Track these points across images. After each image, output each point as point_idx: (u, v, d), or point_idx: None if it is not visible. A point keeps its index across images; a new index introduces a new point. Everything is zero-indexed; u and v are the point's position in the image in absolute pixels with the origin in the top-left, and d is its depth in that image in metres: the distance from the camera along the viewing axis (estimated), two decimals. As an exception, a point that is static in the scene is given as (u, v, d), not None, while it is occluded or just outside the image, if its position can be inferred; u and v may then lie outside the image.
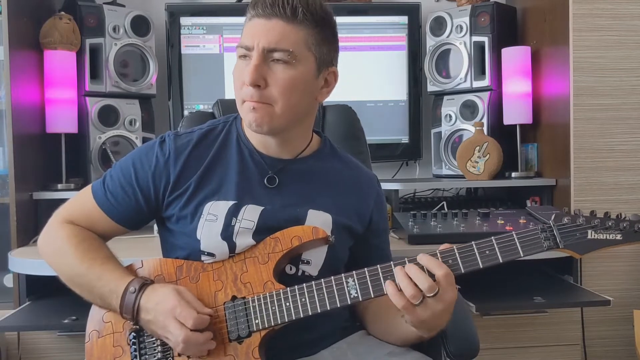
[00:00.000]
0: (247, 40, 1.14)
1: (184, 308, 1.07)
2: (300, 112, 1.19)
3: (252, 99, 1.13)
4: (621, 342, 2.23)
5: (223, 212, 1.16)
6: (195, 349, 1.08)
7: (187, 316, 1.06)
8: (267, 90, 1.13)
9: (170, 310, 1.07)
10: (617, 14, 2.20)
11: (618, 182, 2.22)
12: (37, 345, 2.10)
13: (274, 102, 1.14)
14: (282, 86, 1.13)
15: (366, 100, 2.69)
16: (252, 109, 1.14)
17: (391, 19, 2.73)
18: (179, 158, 1.20)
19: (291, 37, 1.13)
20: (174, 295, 1.08)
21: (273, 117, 1.15)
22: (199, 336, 1.07)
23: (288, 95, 1.14)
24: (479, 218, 2.12)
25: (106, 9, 2.44)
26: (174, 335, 1.07)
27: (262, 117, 1.14)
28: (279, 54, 1.12)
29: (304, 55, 1.15)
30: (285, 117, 1.16)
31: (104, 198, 1.22)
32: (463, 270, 1.05)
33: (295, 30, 1.13)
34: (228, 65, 2.62)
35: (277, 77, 1.13)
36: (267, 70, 1.13)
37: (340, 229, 1.21)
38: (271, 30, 1.12)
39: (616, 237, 1.03)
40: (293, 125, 1.20)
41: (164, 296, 1.09)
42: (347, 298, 1.07)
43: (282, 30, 1.12)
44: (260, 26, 1.13)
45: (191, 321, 1.06)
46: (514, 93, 2.49)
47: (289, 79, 1.13)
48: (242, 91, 1.15)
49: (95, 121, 2.40)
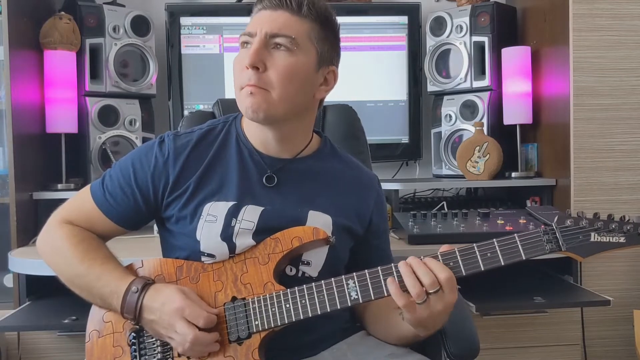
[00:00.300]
0: (251, 28, 1.16)
1: (193, 308, 1.07)
2: (298, 105, 1.19)
3: (249, 82, 1.13)
4: (621, 342, 2.23)
5: (223, 213, 1.16)
6: (200, 349, 1.08)
7: (198, 315, 1.06)
8: (265, 74, 1.13)
9: (177, 310, 1.07)
10: (617, 14, 2.20)
11: (618, 182, 2.22)
12: (37, 345, 2.10)
13: (271, 87, 1.13)
14: (281, 72, 1.13)
15: (366, 100, 2.68)
16: (250, 94, 1.13)
17: (391, 19, 2.73)
18: (178, 158, 1.20)
19: (295, 26, 1.14)
20: (180, 295, 1.08)
21: (270, 104, 1.14)
22: (207, 336, 1.07)
23: (286, 82, 1.14)
24: (479, 218, 2.12)
25: (106, 9, 2.44)
26: (182, 335, 1.06)
27: (258, 103, 1.13)
28: (281, 39, 1.13)
29: (306, 45, 1.16)
30: (282, 106, 1.15)
31: (103, 198, 1.21)
32: (464, 273, 1.05)
33: (300, 22, 1.15)
34: (228, 65, 2.62)
35: (276, 62, 1.13)
36: (268, 55, 1.13)
37: (341, 230, 1.21)
38: (276, 19, 1.14)
39: (619, 240, 1.02)
40: (290, 118, 1.19)
41: (170, 296, 1.09)
42: (347, 300, 1.07)
43: (287, 20, 1.14)
44: (266, 16, 1.15)
45: (202, 320, 1.06)
46: (514, 93, 2.49)
47: (288, 66, 1.13)
48: (241, 76, 1.15)
49: (95, 121, 2.40)
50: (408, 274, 1.03)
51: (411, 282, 1.02)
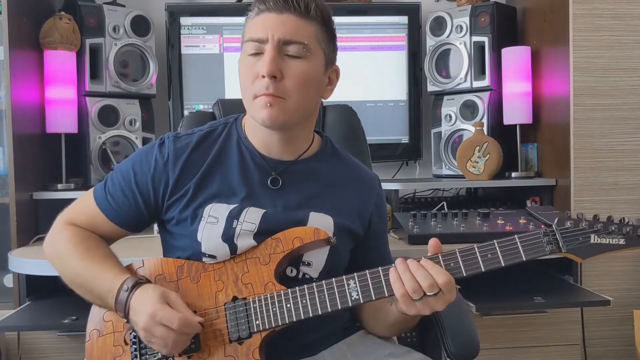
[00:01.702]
0: (260, 33, 1.12)
1: (165, 311, 1.05)
2: (310, 109, 1.20)
3: (267, 91, 1.11)
4: (621, 342, 2.23)
5: (224, 215, 1.16)
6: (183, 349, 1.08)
7: (171, 318, 1.04)
8: (282, 83, 1.12)
9: (151, 315, 1.05)
10: (617, 14, 2.21)
11: (618, 182, 2.22)
12: (37, 345, 2.10)
13: (287, 95, 1.12)
14: (297, 80, 1.12)
15: (366, 100, 2.69)
16: (268, 105, 1.12)
17: (391, 19, 2.73)
18: (178, 160, 1.20)
19: (305, 31, 1.13)
20: (155, 299, 1.06)
21: (287, 112, 1.13)
22: (186, 337, 1.07)
23: (301, 90, 1.13)
24: (479, 218, 2.12)
25: (106, 9, 2.44)
26: (161, 339, 1.05)
27: (277, 114, 1.12)
28: (294, 47, 1.12)
29: (316, 49, 1.15)
30: (298, 112, 1.15)
31: (105, 201, 1.21)
32: (465, 274, 1.05)
33: (308, 25, 1.13)
34: (228, 65, 2.62)
35: (292, 70, 1.12)
36: (282, 63, 1.12)
37: (342, 231, 1.21)
38: (285, 23, 1.12)
39: (619, 242, 1.03)
40: (300, 122, 1.19)
41: (147, 300, 1.07)
42: (348, 300, 1.07)
43: (296, 24, 1.12)
44: (273, 19, 1.12)
45: (176, 322, 1.04)
46: (514, 93, 2.49)
47: (303, 73, 1.13)
48: (255, 85, 1.13)
49: (95, 121, 2.40)
50: (403, 269, 1.03)
51: (408, 277, 1.03)
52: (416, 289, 1.02)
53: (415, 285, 1.02)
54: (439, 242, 1.07)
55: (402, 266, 1.04)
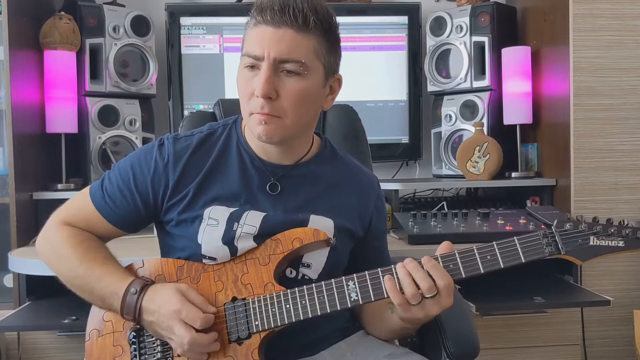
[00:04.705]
0: (256, 49, 1.10)
1: (190, 310, 1.06)
2: (308, 122, 1.19)
3: (262, 110, 1.10)
4: (621, 342, 2.23)
5: (224, 217, 1.16)
6: (199, 350, 1.08)
7: (195, 317, 1.06)
8: (277, 102, 1.10)
9: (175, 312, 1.06)
10: (617, 14, 2.21)
11: (618, 182, 2.22)
12: (37, 345, 2.10)
13: (284, 114, 1.11)
14: (293, 98, 1.10)
15: (366, 100, 2.68)
16: (263, 123, 1.11)
17: (391, 19, 2.73)
18: (178, 163, 1.19)
19: (302, 47, 1.09)
20: (178, 296, 1.08)
21: (284, 129, 1.13)
22: (205, 338, 1.06)
23: (298, 107, 1.12)
24: (479, 218, 2.12)
25: (106, 9, 2.44)
26: (180, 337, 1.06)
27: (273, 130, 1.12)
28: (291, 65, 1.09)
29: (315, 65, 1.12)
30: (295, 128, 1.15)
31: (102, 201, 1.20)
32: (464, 275, 1.05)
33: (306, 40, 1.10)
34: (228, 65, 2.62)
35: (288, 88, 1.10)
36: (278, 81, 1.10)
37: (342, 232, 1.21)
38: (282, 40, 1.08)
39: (618, 244, 1.04)
40: (299, 134, 1.19)
41: (168, 298, 1.08)
42: (347, 301, 1.07)
43: (293, 40, 1.08)
44: (269, 34, 1.09)
45: (199, 322, 1.05)
46: (514, 93, 2.49)
47: (300, 91, 1.11)
48: (251, 103, 1.12)
49: (95, 121, 2.40)
50: (404, 274, 1.04)
51: (407, 282, 1.03)
52: (415, 294, 1.02)
53: (414, 290, 1.02)
54: (451, 245, 1.07)
55: (402, 271, 1.04)
